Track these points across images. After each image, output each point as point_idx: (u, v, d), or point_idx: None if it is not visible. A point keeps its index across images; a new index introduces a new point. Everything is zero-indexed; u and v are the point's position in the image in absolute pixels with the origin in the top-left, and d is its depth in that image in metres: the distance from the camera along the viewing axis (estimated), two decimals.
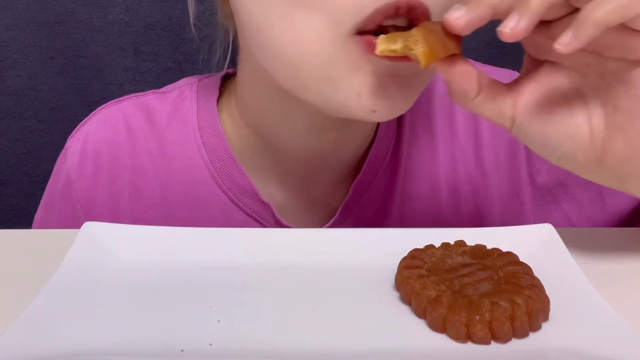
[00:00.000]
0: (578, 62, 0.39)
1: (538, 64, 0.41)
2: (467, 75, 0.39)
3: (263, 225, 0.58)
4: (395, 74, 0.43)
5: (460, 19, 0.37)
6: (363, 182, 0.58)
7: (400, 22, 0.42)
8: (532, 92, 0.40)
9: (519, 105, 0.40)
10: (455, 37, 0.38)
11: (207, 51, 0.60)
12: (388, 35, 0.39)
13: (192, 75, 0.63)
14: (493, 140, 0.59)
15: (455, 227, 0.52)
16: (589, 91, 0.40)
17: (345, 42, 0.42)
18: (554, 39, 0.36)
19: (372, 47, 0.41)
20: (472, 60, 0.58)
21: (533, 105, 0.40)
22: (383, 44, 0.39)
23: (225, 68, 0.60)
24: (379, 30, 0.41)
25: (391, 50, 0.38)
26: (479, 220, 0.59)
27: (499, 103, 0.40)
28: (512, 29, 0.35)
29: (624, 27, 0.36)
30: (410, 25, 0.41)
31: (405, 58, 0.39)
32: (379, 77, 0.43)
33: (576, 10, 0.36)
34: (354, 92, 0.43)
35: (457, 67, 0.39)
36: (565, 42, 0.35)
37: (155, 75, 0.89)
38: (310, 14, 0.42)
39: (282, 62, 0.45)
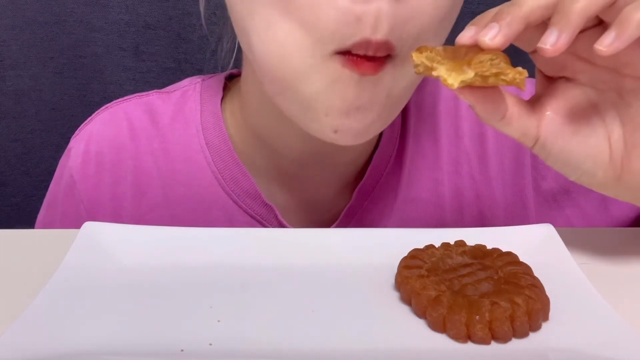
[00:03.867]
0: (595, 79, 0.39)
1: (552, 80, 0.41)
2: (495, 95, 0.38)
3: (266, 228, 0.57)
4: (363, 94, 0.43)
5: (495, 38, 0.36)
6: (367, 186, 0.58)
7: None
8: (555, 111, 0.40)
9: (543, 124, 0.40)
10: None
11: (214, 48, 0.60)
12: (445, 65, 0.36)
13: (193, 75, 0.63)
14: (498, 146, 0.59)
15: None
16: (606, 108, 0.40)
17: (325, 59, 0.42)
18: (574, 53, 0.36)
19: (352, 62, 0.41)
20: None
21: (557, 125, 0.40)
22: (456, 76, 0.35)
23: (231, 65, 0.60)
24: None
25: (465, 82, 0.36)
26: (481, 224, 0.59)
27: (524, 122, 0.39)
28: (553, 45, 0.35)
29: None
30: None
31: (378, 69, 0.41)
32: (347, 99, 0.43)
33: (600, 22, 0.36)
34: (323, 110, 0.44)
35: (484, 89, 0.38)
36: (607, 43, 0.34)
37: (155, 75, 0.89)
38: (293, 29, 0.42)
39: (265, 69, 0.46)
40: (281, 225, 0.57)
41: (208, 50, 0.61)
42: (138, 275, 0.41)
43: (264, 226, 0.57)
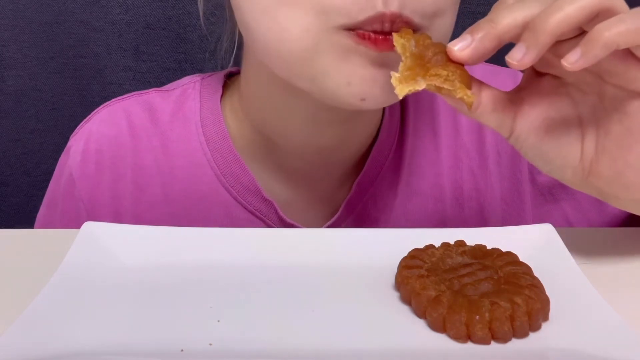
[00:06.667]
0: (579, 80, 0.39)
1: (540, 75, 0.41)
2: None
3: (266, 223, 0.58)
4: (383, 63, 0.43)
5: (464, 50, 0.37)
6: (366, 179, 0.58)
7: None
8: (533, 107, 0.40)
9: (519, 118, 0.40)
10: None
11: (213, 47, 0.60)
12: (402, 71, 0.38)
13: (193, 74, 0.63)
14: (496, 139, 0.59)
15: (457, 224, 0.52)
16: (586, 110, 0.40)
17: (331, 34, 0.42)
18: (560, 56, 0.36)
19: (363, 37, 0.41)
20: None
21: (532, 121, 0.40)
22: (404, 86, 0.38)
23: (231, 64, 0.60)
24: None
25: (413, 91, 0.38)
26: (480, 217, 0.59)
27: (500, 114, 0.40)
28: (519, 60, 0.36)
29: (628, 55, 0.36)
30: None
31: (391, 46, 0.40)
32: (367, 67, 0.43)
33: (584, 31, 0.36)
34: (344, 80, 0.43)
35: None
36: (572, 60, 0.35)
37: (155, 75, 0.89)
38: (294, 11, 0.42)
39: (272, 56, 0.46)
40: (281, 220, 0.57)
41: (208, 50, 0.61)
42: (138, 275, 0.41)
43: (264, 222, 0.58)
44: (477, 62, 0.38)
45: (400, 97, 0.38)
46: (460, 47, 0.37)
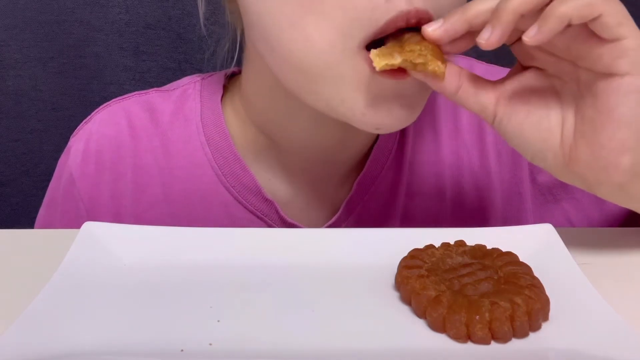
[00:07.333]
0: (559, 70, 0.41)
1: (525, 68, 0.43)
2: (448, 71, 0.41)
3: (267, 223, 0.58)
4: (399, 94, 0.44)
5: (436, 30, 0.40)
6: (367, 178, 0.58)
7: None
8: (515, 93, 0.42)
9: (501, 102, 0.42)
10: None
11: (213, 49, 0.60)
12: (381, 49, 0.41)
13: (193, 74, 0.63)
14: (496, 138, 0.59)
15: (457, 224, 0.53)
16: (566, 98, 0.42)
17: (354, 54, 0.43)
18: (541, 48, 0.38)
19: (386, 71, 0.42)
20: (474, 59, 0.58)
21: (513, 104, 0.42)
22: (381, 60, 0.40)
23: (233, 65, 0.60)
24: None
25: (390, 65, 0.40)
26: (481, 217, 0.59)
27: (482, 98, 0.42)
28: (486, 39, 0.39)
29: (590, 35, 0.38)
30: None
31: (405, 73, 0.42)
32: (383, 97, 0.44)
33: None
34: (359, 110, 0.45)
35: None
36: (531, 35, 0.38)
37: (155, 75, 0.89)
38: (321, 23, 0.43)
39: (292, 67, 0.46)
40: (282, 220, 0.57)
41: (208, 50, 0.61)
42: (138, 275, 0.41)
43: (265, 221, 0.58)
44: (448, 43, 0.41)
45: (378, 70, 0.40)
46: (433, 28, 0.40)
